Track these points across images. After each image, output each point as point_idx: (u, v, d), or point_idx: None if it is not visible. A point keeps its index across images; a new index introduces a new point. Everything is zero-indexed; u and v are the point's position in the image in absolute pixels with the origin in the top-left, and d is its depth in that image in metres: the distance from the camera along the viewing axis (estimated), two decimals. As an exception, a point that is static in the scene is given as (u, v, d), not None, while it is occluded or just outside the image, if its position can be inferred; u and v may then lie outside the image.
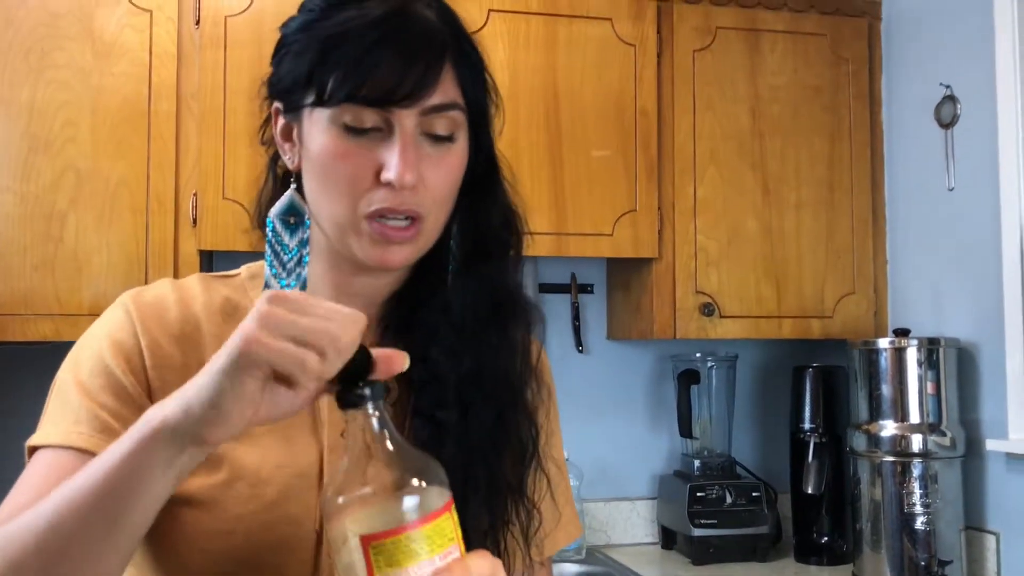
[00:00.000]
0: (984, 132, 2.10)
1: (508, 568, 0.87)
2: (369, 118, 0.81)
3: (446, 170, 0.85)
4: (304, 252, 0.88)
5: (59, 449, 0.80)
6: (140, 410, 0.73)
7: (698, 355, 2.47)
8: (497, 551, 0.89)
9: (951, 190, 2.20)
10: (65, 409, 0.83)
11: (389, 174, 0.81)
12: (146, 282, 1.94)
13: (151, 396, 0.84)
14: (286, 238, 0.88)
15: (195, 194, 2.03)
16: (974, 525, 2.09)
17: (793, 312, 2.35)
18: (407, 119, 0.82)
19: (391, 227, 0.83)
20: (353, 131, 0.82)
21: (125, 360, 0.85)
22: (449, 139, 0.85)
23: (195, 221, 2.02)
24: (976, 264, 2.12)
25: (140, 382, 0.85)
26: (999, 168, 2.04)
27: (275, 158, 0.93)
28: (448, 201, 0.88)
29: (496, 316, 0.92)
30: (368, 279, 0.91)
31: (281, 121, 0.89)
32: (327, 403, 0.86)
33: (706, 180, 2.31)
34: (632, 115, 2.26)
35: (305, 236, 0.88)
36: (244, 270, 0.96)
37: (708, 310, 2.28)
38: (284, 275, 0.88)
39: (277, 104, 0.89)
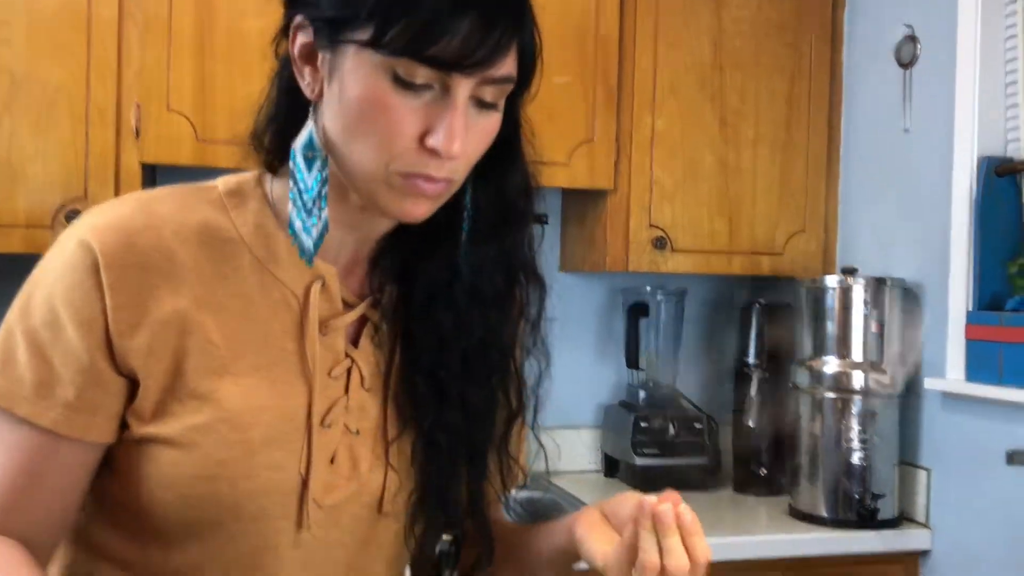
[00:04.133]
0: (942, 73, 2.09)
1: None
2: (422, 75, 0.76)
3: (482, 137, 0.83)
4: (323, 191, 0.83)
5: (23, 424, 0.80)
6: (98, 379, 0.79)
7: (648, 288, 2.48)
8: (479, 506, 0.95)
9: (906, 131, 2.21)
10: (18, 369, 0.80)
11: (437, 142, 0.77)
12: (86, 196, 1.88)
13: (114, 359, 0.80)
14: (306, 173, 0.83)
15: (138, 105, 1.95)
16: (907, 460, 2.15)
17: (744, 248, 2.35)
18: (465, 86, 0.77)
19: (424, 185, 0.80)
20: (402, 84, 0.76)
21: (86, 330, 0.79)
22: (494, 108, 0.82)
23: (137, 133, 1.95)
24: (926, 205, 2.14)
25: (102, 352, 0.80)
26: (955, 110, 2.04)
27: (282, 73, 0.86)
28: (474, 163, 0.85)
29: (511, 289, 0.93)
30: (374, 217, 0.88)
31: (301, 39, 0.81)
32: (317, 341, 0.85)
33: (665, 112, 2.28)
34: (593, 42, 2.21)
35: (324, 174, 0.83)
36: (220, 183, 0.88)
37: (660, 243, 2.27)
38: (305, 215, 0.83)
39: (304, 22, 0.80)
